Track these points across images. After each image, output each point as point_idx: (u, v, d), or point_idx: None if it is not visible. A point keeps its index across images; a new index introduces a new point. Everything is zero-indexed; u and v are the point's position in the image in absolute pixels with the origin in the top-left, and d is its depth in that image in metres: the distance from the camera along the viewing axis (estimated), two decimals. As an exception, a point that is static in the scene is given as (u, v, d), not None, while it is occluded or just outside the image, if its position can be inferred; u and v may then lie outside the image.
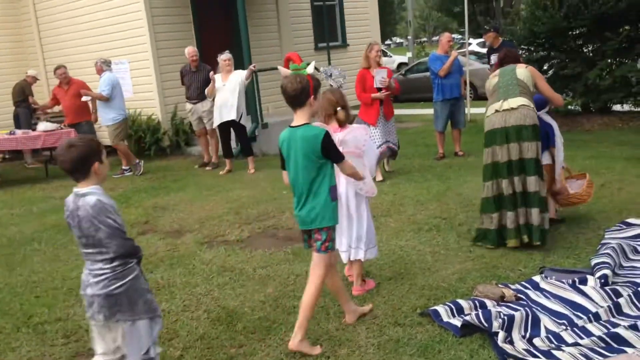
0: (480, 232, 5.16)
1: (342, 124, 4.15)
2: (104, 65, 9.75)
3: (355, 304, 4.07)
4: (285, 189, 7.95)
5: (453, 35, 9.86)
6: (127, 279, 2.92)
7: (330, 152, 3.54)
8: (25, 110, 11.84)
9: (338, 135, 4.07)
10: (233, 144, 9.83)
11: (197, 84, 9.90)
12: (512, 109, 4.92)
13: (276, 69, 12.05)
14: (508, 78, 5.10)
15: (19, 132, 10.16)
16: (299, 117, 3.60)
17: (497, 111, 5.02)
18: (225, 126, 9.37)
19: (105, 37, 11.94)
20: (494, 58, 9.01)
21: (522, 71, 5.11)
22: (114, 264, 2.90)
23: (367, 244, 4.38)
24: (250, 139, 10.29)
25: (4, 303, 4.80)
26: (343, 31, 15.15)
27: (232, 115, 9.15)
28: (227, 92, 9.16)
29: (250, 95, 10.91)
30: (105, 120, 9.76)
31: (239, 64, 10.24)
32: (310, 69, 8.23)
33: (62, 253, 6.04)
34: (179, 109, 11.42)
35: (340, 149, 3.84)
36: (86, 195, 2.86)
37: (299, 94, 3.52)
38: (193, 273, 5.16)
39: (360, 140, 4.19)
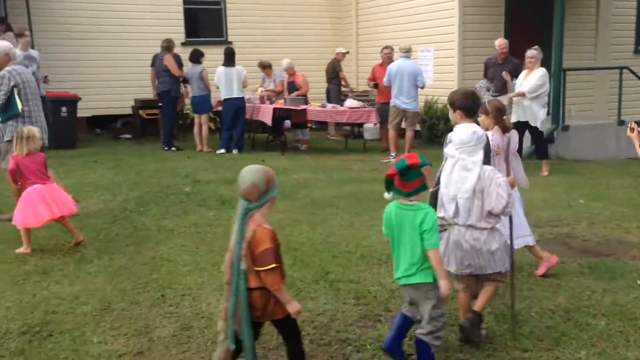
0: None
1: (506, 130, 4.59)
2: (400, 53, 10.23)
3: None
4: (582, 198, 7.41)
5: None
6: None
7: None
8: (336, 87, 12.95)
9: (504, 139, 4.57)
10: (527, 143, 9.46)
11: (501, 77, 9.70)
12: None
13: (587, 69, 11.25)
14: None
15: (329, 106, 11.17)
16: None
17: None
18: (521, 125, 9.04)
19: (415, 25, 12.39)
20: None
21: None
22: None
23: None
24: (547, 141, 9.79)
25: (307, 256, 5.34)
26: (674, 34, 13.42)
27: (527, 117, 8.84)
28: (524, 90, 8.82)
29: (555, 95, 10.35)
30: None
31: (547, 62, 9.79)
32: None
33: (356, 221, 6.48)
34: (476, 101, 11.34)
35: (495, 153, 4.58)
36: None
37: None
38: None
39: (517, 143, 4.80)
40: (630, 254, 5.43)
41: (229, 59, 10.81)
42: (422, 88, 10.29)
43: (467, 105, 4.07)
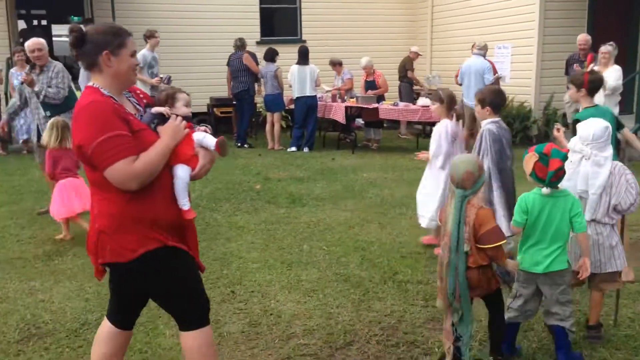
0: None
1: (458, 117, 5.17)
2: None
3: None
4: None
5: None
6: None
7: None
8: (407, 85, 12.81)
9: (456, 127, 5.13)
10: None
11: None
12: None
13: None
14: None
15: (401, 105, 11.05)
16: None
17: None
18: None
19: (492, 21, 12.08)
20: None
21: None
22: None
23: None
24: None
25: (375, 255, 5.32)
26: None
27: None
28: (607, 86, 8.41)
29: (640, 93, 9.87)
30: None
31: (633, 59, 9.30)
32: None
33: (426, 222, 6.39)
34: (554, 99, 10.97)
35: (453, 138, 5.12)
36: None
37: None
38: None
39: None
40: None
41: (303, 58, 10.90)
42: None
43: (497, 101, 4.47)
